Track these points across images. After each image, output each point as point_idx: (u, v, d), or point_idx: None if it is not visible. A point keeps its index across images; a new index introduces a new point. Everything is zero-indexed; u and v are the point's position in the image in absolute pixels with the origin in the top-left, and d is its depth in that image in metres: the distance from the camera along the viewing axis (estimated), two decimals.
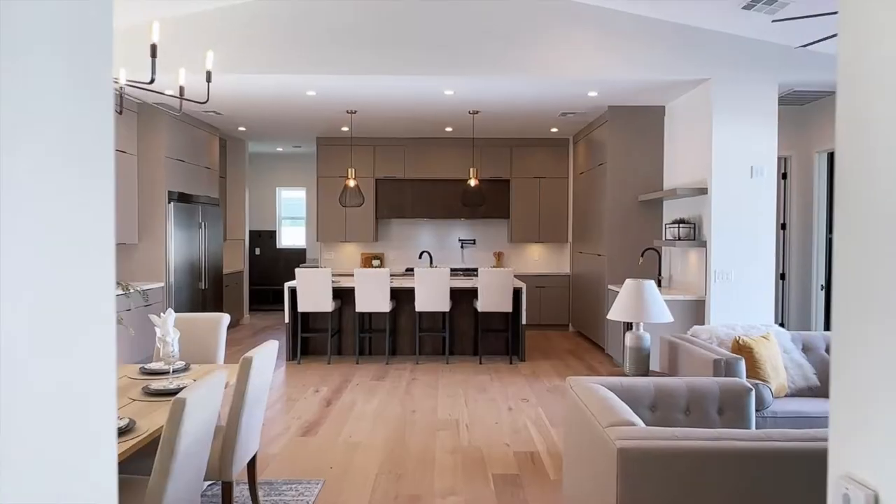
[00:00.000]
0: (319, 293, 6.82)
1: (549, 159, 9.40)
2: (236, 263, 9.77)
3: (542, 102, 6.89)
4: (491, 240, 9.77)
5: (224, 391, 2.71)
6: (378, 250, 9.76)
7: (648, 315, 3.88)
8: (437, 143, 9.35)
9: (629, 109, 7.02)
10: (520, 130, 8.73)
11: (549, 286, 9.20)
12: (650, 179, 7.05)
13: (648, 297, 3.91)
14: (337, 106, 7.11)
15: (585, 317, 8.25)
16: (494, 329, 7.44)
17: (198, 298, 7.79)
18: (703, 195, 5.89)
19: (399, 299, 7.40)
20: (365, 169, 9.36)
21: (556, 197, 9.41)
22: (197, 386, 2.18)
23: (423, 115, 7.61)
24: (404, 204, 9.40)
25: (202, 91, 6.28)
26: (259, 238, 11.65)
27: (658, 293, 3.96)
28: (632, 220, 7.07)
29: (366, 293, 6.85)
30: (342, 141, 9.35)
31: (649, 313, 3.88)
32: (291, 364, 6.89)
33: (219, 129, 8.74)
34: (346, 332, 7.43)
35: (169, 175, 7.17)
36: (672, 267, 6.70)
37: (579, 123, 8.17)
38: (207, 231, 8.10)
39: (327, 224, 9.42)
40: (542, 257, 9.74)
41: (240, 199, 9.82)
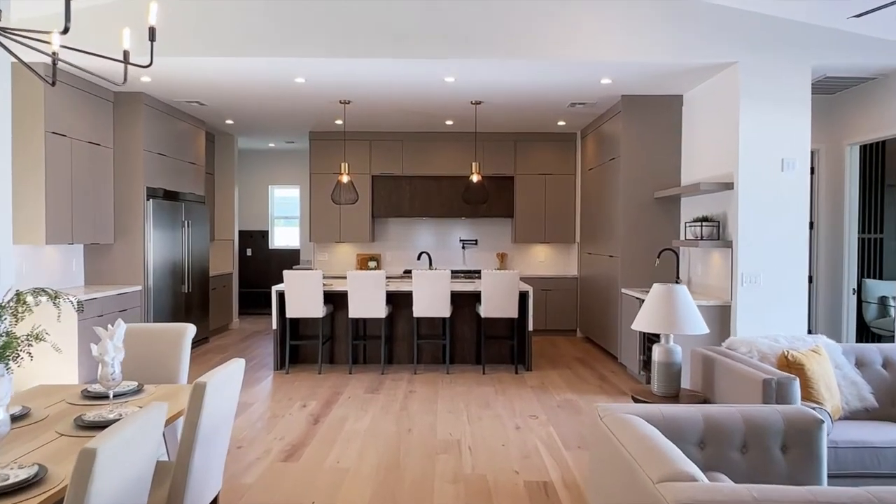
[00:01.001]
0: (309, 297, 6.30)
1: (555, 155, 8.88)
2: (225, 265, 9.25)
3: (550, 92, 6.37)
4: (494, 240, 9.25)
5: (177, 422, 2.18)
6: (374, 251, 9.24)
7: (681, 326, 3.35)
8: (436, 137, 8.83)
9: (644, 99, 6.50)
10: (525, 124, 8.21)
11: (556, 289, 8.68)
12: (666, 175, 6.52)
13: (681, 304, 3.39)
14: (329, 95, 6.59)
15: (595, 322, 7.72)
16: (498, 336, 6.91)
17: (180, 303, 7.27)
18: (729, 191, 5.37)
19: (396, 304, 6.88)
20: (360, 165, 8.84)
21: (563, 195, 8.88)
22: (118, 428, 1.65)
23: (422, 106, 7.09)
24: (402, 202, 8.88)
25: (182, 76, 5.71)
26: (251, 238, 11.13)
27: (691, 300, 3.44)
28: (647, 218, 6.55)
29: (360, 297, 6.32)
30: (336, 136, 8.83)
31: (682, 324, 3.36)
32: (279, 374, 6.36)
33: (205, 123, 8.22)
34: (339, 339, 6.91)
35: (148, 170, 6.64)
36: (692, 269, 6.18)
37: (588, 116, 7.65)
38: (192, 230, 7.58)
39: (321, 223, 8.89)
40: (547, 259, 9.21)
41: (229, 197, 9.29)
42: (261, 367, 6.67)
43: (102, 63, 5.19)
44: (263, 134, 9.20)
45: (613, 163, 6.94)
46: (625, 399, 5.45)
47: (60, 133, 5.59)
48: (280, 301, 6.57)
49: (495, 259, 9.23)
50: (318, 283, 6.29)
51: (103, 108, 6.32)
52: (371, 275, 6.29)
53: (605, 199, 7.29)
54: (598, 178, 7.68)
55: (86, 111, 6.00)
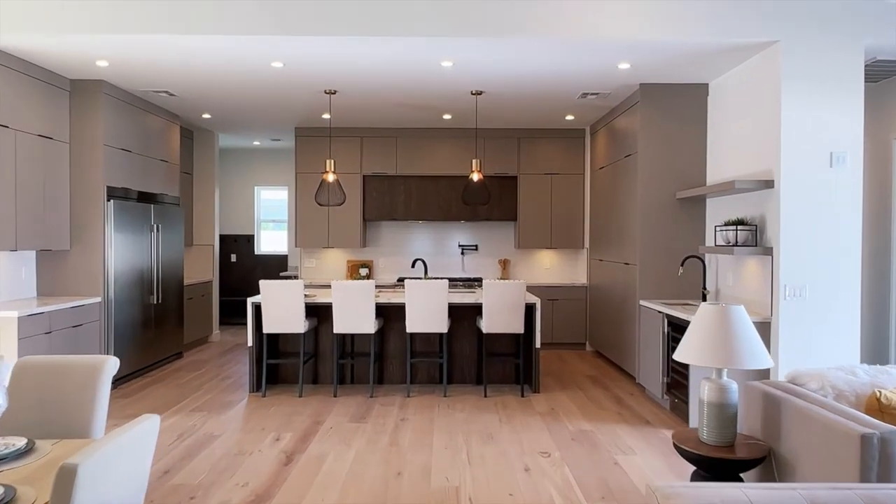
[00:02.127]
0: (289, 310, 5.59)
1: (562, 153, 8.18)
2: (204, 272, 8.53)
3: (560, 80, 5.67)
4: (495, 245, 8.54)
5: None
6: (366, 257, 8.53)
7: (740, 358, 2.64)
8: (433, 134, 8.13)
9: (665, 89, 5.80)
10: (530, 118, 7.51)
11: (563, 299, 7.97)
12: (690, 173, 5.82)
13: (739, 331, 2.68)
14: (312, 84, 5.89)
15: (608, 336, 7.01)
16: (502, 353, 6.20)
17: (147, 315, 6.54)
18: (768, 190, 4.67)
19: (388, 317, 6.16)
20: (350, 164, 8.13)
21: (571, 196, 8.18)
22: None
23: (417, 97, 6.38)
24: (396, 204, 8.17)
25: (142, 59, 4.85)
26: (235, 243, 10.42)
27: (751, 325, 2.72)
28: (668, 222, 5.85)
29: (346, 310, 5.61)
30: (324, 132, 8.13)
31: (741, 355, 2.64)
32: (255, 397, 5.64)
33: (179, 117, 7.51)
34: (324, 357, 6.19)
35: (109, 167, 5.93)
36: (721, 279, 5.47)
37: (600, 109, 6.95)
38: (163, 235, 6.86)
39: (308, 227, 8.18)
40: (554, 266, 8.50)
41: (209, 198, 8.58)
42: (236, 389, 5.94)
43: (47, 44, 4.49)
44: (246, 130, 8.49)
45: (629, 160, 6.24)
46: (650, 430, 4.73)
47: (2, 124, 4.88)
48: (257, 314, 5.85)
49: (497, 266, 8.52)
50: (298, 294, 5.57)
51: (57, 98, 5.61)
52: (358, 285, 5.58)
53: (620, 200, 6.58)
54: (610, 178, 6.98)
55: (35, 100, 5.29)
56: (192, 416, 5.02)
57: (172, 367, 6.88)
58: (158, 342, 6.77)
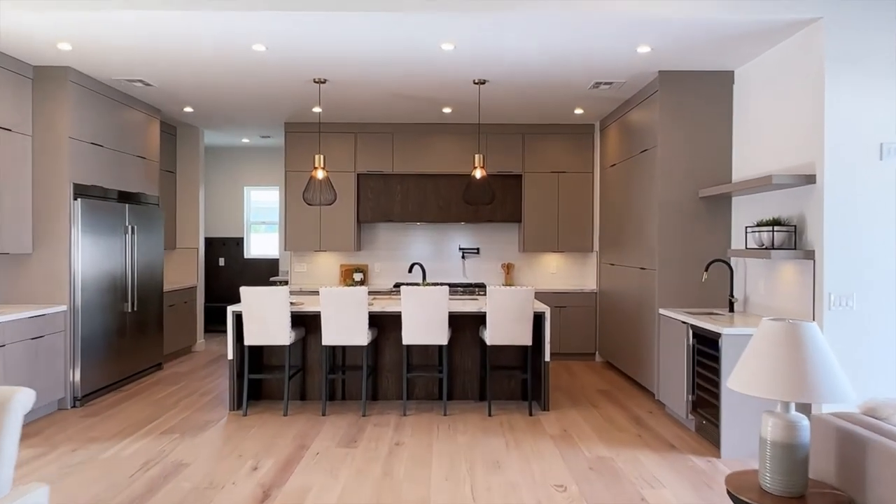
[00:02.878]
0: (273, 320, 5.06)
1: (569, 150, 7.66)
2: (187, 277, 8.00)
3: (571, 67, 5.16)
4: (498, 248, 8.02)
5: None
6: (360, 261, 8.00)
7: (814, 390, 2.12)
8: (432, 130, 7.61)
9: (687, 77, 5.29)
10: (535, 112, 6.99)
11: (571, 306, 7.44)
12: (713, 169, 5.31)
13: (814, 356, 2.15)
14: (299, 72, 5.37)
15: (621, 347, 6.48)
16: (507, 366, 5.68)
17: (121, 324, 6.01)
18: (809, 186, 4.15)
19: (382, 327, 5.64)
20: (343, 161, 7.61)
21: (579, 196, 7.66)
22: None
23: (414, 86, 5.87)
24: (392, 204, 7.65)
25: (108, 42, 4.25)
26: (223, 247, 9.89)
27: (828, 349, 2.20)
28: (689, 222, 5.33)
29: (335, 320, 5.08)
30: (315, 127, 7.61)
31: (816, 387, 2.12)
32: (235, 416, 5.11)
33: (160, 111, 6.99)
34: (313, 371, 5.66)
35: (76, 162, 5.41)
36: (751, 286, 4.95)
37: (612, 102, 6.43)
38: (139, 237, 6.33)
39: (298, 229, 7.66)
40: (560, 270, 7.98)
41: (193, 199, 8.06)
42: (215, 406, 5.41)
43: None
44: (233, 126, 7.97)
45: (645, 156, 5.72)
46: (676, 457, 4.20)
47: None
48: (237, 324, 5.32)
49: (500, 270, 8.00)
50: (283, 302, 5.05)
51: (19, 86, 5.09)
52: (349, 292, 5.05)
53: (634, 199, 6.06)
54: (623, 176, 6.46)
55: None
56: (162, 440, 4.49)
57: (150, 381, 6.34)
58: (133, 353, 6.24)
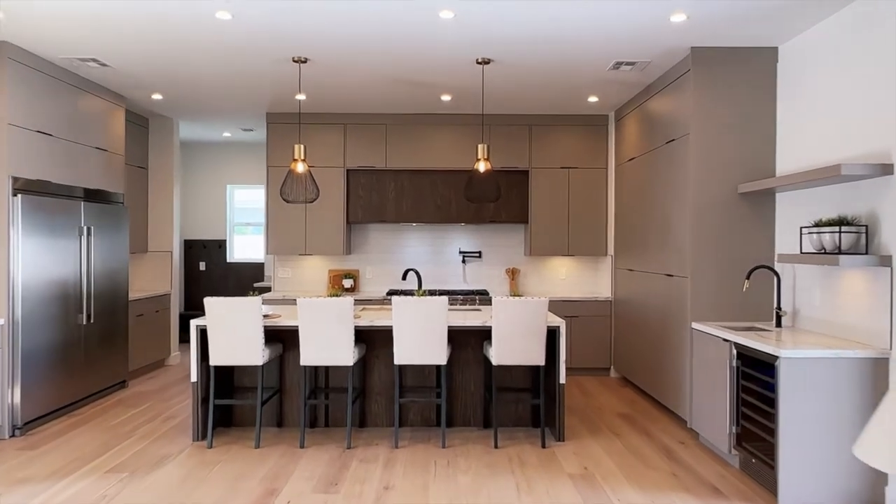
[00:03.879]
0: (243, 336, 4.33)
1: (581, 143, 6.94)
2: (160, 283, 7.26)
3: (589, 43, 4.44)
4: (502, 252, 7.29)
5: None
6: (350, 266, 7.27)
7: None
8: (430, 120, 6.89)
9: (724, 54, 4.58)
10: (544, 101, 6.27)
11: (583, 316, 6.71)
12: (754, 161, 4.59)
13: None
14: (275, 48, 4.65)
15: (641, 363, 5.76)
16: (515, 388, 4.95)
17: (74, 339, 5.27)
18: (886, 177, 3.43)
19: (372, 342, 4.91)
20: (331, 155, 6.89)
21: (592, 194, 6.94)
22: None
23: (410, 67, 5.14)
24: (386, 203, 6.92)
25: (46, 8, 3.43)
26: (204, 250, 9.15)
27: None
28: (727, 222, 4.61)
29: (316, 336, 4.35)
30: (297, 117, 6.88)
31: None
32: (198, 448, 4.37)
33: (125, 98, 6.27)
34: (292, 393, 4.92)
35: (16, 153, 4.68)
36: (802, 296, 4.22)
37: (631, 88, 5.71)
38: (98, 239, 5.60)
39: (281, 231, 6.92)
40: (571, 276, 7.25)
41: (167, 197, 7.33)
42: (178, 434, 4.68)
43: None
44: (211, 117, 7.24)
45: (673, 147, 5.00)
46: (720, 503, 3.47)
47: None
48: (202, 340, 4.59)
49: (504, 276, 7.27)
50: (254, 315, 4.32)
51: None
52: (332, 304, 4.32)
53: (659, 197, 5.34)
54: (644, 170, 5.74)
55: None
56: (107, 481, 3.75)
57: (110, 402, 5.60)
58: (90, 371, 5.50)
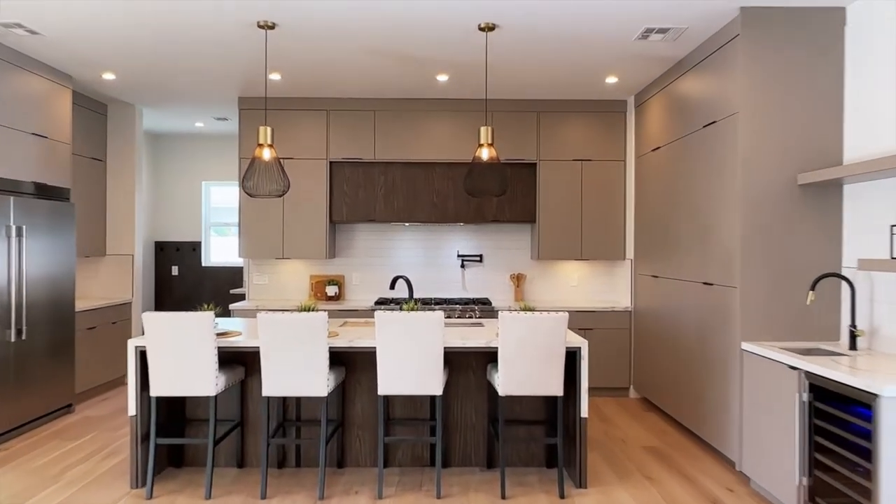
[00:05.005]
0: (191, 360, 3.50)
1: (596, 132, 6.12)
2: (120, 291, 6.43)
3: (614, 5, 3.63)
4: (507, 255, 6.47)
5: None
6: (335, 271, 6.44)
7: None
8: (424, 106, 6.07)
9: (780, 15, 3.77)
10: (555, 83, 5.45)
11: (599, 328, 5.89)
12: (816, 145, 3.77)
13: None
14: (234, 10, 3.83)
15: (667, 384, 4.93)
16: (526, 420, 4.11)
17: (1, 357, 4.44)
18: None
19: (353, 365, 4.08)
20: (312, 146, 6.06)
21: (608, 189, 6.12)
22: None
23: (399, 36, 4.32)
24: (374, 200, 6.09)
25: None
26: (177, 253, 8.31)
27: None
28: (784, 220, 3.79)
29: (280, 360, 3.52)
30: (274, 103, 6.05)
31: None
32: (134, 498, 3.53)
33: (71, 78, 5.44)
34: (256, 426, 4.08)
35: None
36: (880, 311, 3.40)
37: (659, 64, 4.90)
38: (33, 241, 4.77)
39: (256, 232, 6.09)
40: (584, 283, 6.43)
41: (128, 193, 6.49)
42: (116, 477, 3.84)
43: None
44: (178, 104, 6.41)
45: (713, 132, 4.18)
46: None
47: None
48: (143, 364, 3.76)
49: (508, 283, 6.44)
50: (205, 333, 3.48)
51: None
52: (298, 321, 3.49)
53: (694, 191, 4.52)
54: (673, 161, 4.92)
55: None
56: None
57: (47, 431, 4.76)
58: (23, 396, 4.66)
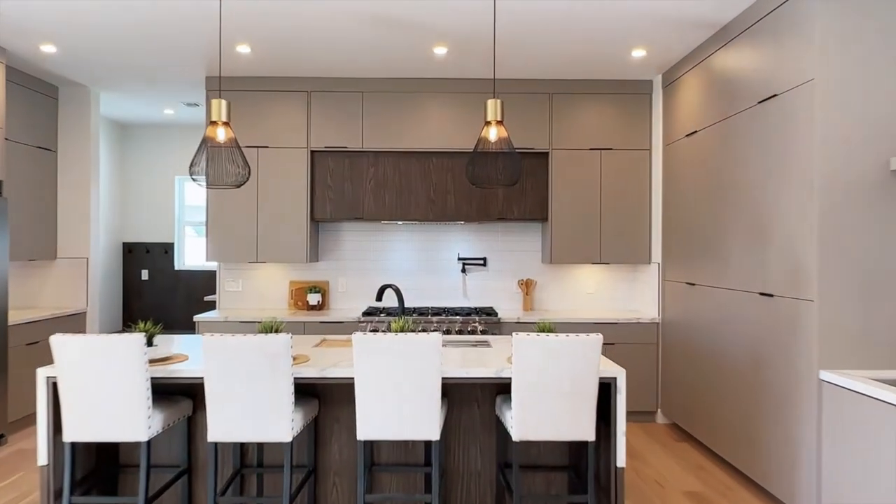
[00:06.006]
0: (115, 396, 2.70)
1: (617, 117, 5.33)
2: (72, 300, 5.63)
3: None
4: (514, 258, 5.67)
5: None
6: (318, 276, 5.64)
7: None
8: (420, 86, 5.27)
9: None
10: (572, 59, 4.66)
11: (621, 343, 5.10)
12: None
13: None
14: None
15: (707, 411, 4.13)
16: (545, 466, 3.31)
17: None
18: None
19: (327, 397, 3.28)
20: (290, 132, 5.27)
21: (631, 182, 5.33)
22: None
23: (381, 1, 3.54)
24: (362, 195, 5.30)
25: None
26: (147, 255, 7.52)
27: None
28: (874, 216, 3.00)
29: (230, 396, 2.71)
30: (246, 82, 5.26)
31: None
32: None
33: (6, 51, 4.64)
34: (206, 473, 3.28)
35: None
36: None
37: (697, 32, 4.11)
38: None
39: (227, 231, 5.30)
40: (602, 290, 5.64)
41: (83, 188, 5.70)
42: None
43: None
44: (138, 85, 5.62)
45: (774, 107, 3.39)
46: None
47: None
48: (55, 401, 2.96)
49: (516, 289, 5.65)
50: (134, 362, 2.68)
51: None
52: (253, 346, 2.68)
53: (747, 180, 3.73)
54: (714, 147, 4.12)
55: None
56: None
57: None
58: None
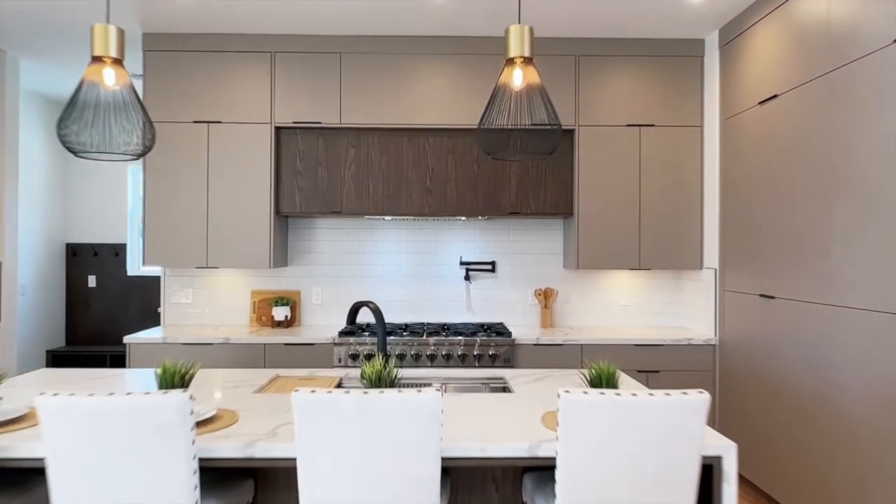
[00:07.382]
0: None
1: (660, 85, 4.25)
2: None
3: None
4: (529, 262, 4.58)
5: None
6: (286, 286, 4.55)
7: None
8: (413, 46, 4.19)
9: None
10: (608, 13, 3.58)
11: (667, 370, 4.02)
12: None
13: None
14: None
15: (787, 463, 3.05)
16: None
17: None
18: None
19: (269, 477, 2.18)
20: (249, 104, 4.18)
21: (678, 166, 4.25)
22: None
23: None
24: (340, 184, 4.21)
25: None
26: (95, 258, 6.42)
27: None
28: None
29: (84, 487, 1.62)
30: (194, 40, 4.17)
31: None
32: None
33: None
34: None
35: None
36: None
37: None
38: None
39: (168, 229, 4.21)
40: (639, 303, 4.55)
41: None
42: None
43: None
44: (67, 50, 4.52)
45: None
46: None
47: None
48: None
49: (533, 301, 4.56)
50: None
51: None
52: (121, 409, 1.58)
53: (855, 159, 2.65)
54: (803, 117, 3.04)
55: None
56: None
57: None
58: None
